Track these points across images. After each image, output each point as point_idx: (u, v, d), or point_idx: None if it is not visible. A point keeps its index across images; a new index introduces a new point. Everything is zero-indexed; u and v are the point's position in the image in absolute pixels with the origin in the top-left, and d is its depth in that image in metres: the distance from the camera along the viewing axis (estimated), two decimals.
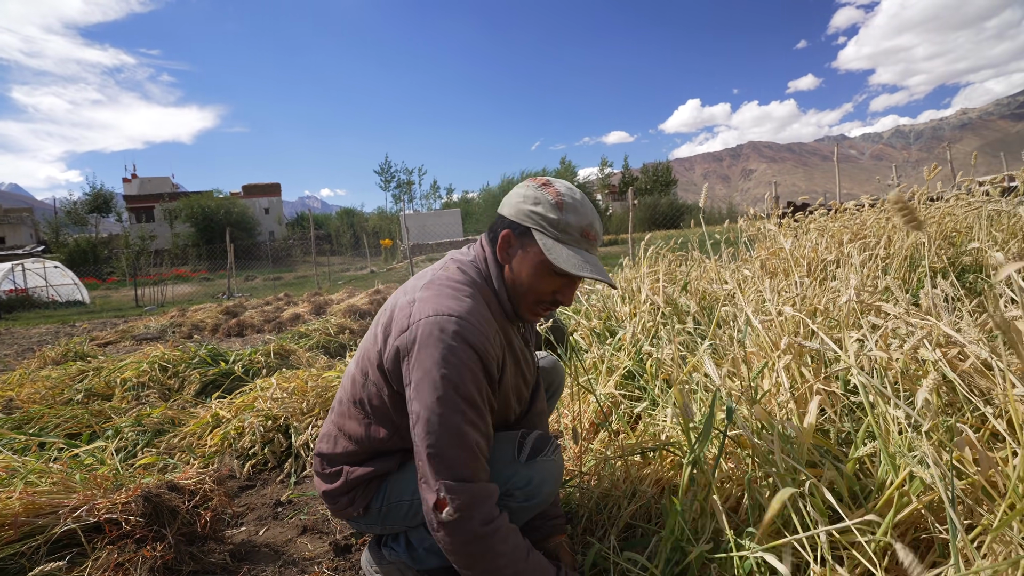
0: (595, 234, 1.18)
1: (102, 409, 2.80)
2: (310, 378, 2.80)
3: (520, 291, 1.20)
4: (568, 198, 1.15)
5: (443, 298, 1.11)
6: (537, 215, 1.14)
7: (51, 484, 1.59)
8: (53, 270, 15.76)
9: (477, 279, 1.20)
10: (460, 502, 1.02)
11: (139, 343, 6.06)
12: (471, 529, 1.03)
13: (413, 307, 1.12)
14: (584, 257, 1.13)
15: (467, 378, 1.05)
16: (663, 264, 3.13)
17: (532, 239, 1.15)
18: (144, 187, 48.60)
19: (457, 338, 1.05)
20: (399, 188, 55.56)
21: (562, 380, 1.75)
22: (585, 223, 1.15)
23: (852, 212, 3.32)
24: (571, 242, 1.14)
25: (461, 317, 1.08)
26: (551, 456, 1.27)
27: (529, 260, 1.16)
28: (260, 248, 32.00)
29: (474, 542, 1.04)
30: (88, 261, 28.27)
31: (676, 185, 54.83)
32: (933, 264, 2.38)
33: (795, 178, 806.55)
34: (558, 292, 1.19)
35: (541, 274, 1.16)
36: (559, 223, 1.13)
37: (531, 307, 1.21)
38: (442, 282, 1.16)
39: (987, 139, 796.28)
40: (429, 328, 1.07)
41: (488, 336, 1.11)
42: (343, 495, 1.30)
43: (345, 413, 1.29)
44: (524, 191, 1.18)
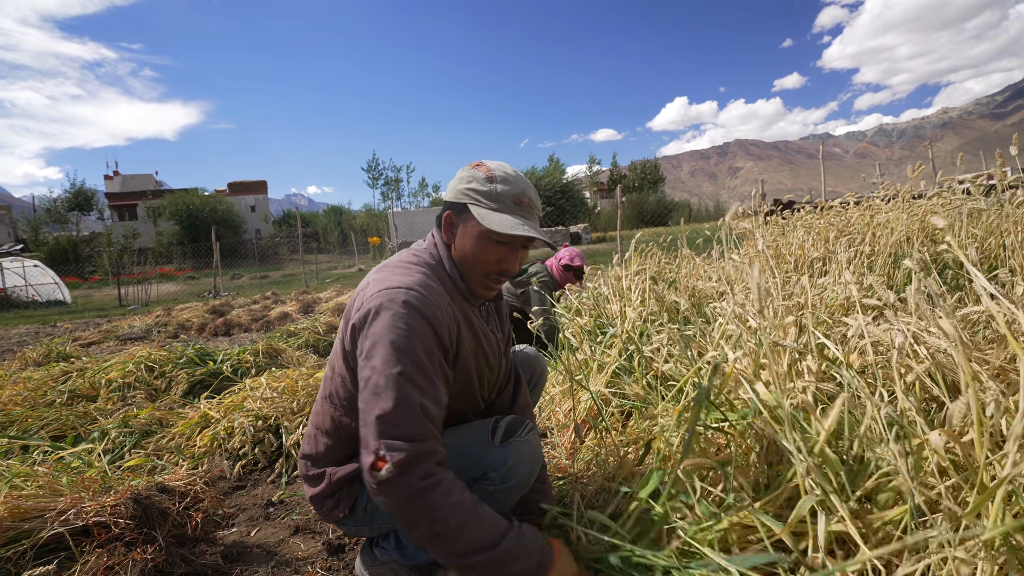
0: (529, 201, 1.24)
1: (87, 411, 2.76)
2: (300, 377, 2.78)
3: (467, 265, 1.26)
4: (499, 172, 1.23)
5: (393, 275, 1.18)
6: (471, 190, 1.22)
7: (37, 487, 1.57)
8: (33, 269, 15.45)
9: (430, 260, 1.27)
10: (399, 458, 1.00)
11: (124, 343, 5.97)
12: (409, 484, 1.01)
13: (367, 289, 1.18)
14: (519, 219, 1.20)
15: (414, 343, 1.08)
16: (652, 261, 3.15)
17: (470, 214, 1.22)
18: (127, 184, 47.78)
19: (405, 306, 1.10)
20: (387, 185, 55.24)
21: (544, 370, 1.78)
22: (517, 191, 1.22)
23: (838, 210, 3.36)
24: (504, 209, 1.20)
25: (410, 288, 1.13)
26: (525, 436, 1.29)
27: (470, 233, 1.23)
28: (246, 246, 31.65)
29: (414, 496, 1.01)
30: (69, 260, 27.76)
31: (664, 182, 55.15)
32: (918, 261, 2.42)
33: (781, 176, 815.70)
34: (502, 260, 1.24)
35: (482, 244, 1.22)
36: (490, 193, 1.20)
37: (481, 280, 1.26)
38: (394, 264, 1.25)
39: (967, 138, 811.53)
40: (379, 300, 1.11)
41: (438, 306, 1.15)
42: (328, 498, 1.32)
43: (319, 411, 1.33)
44: (460, 174, 1.27)
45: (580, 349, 2.60)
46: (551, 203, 34.55)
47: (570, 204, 36.02)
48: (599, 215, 40.33)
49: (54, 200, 42.04)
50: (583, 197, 41.47)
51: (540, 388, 1.80)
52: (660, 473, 1.24)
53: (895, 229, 2.57)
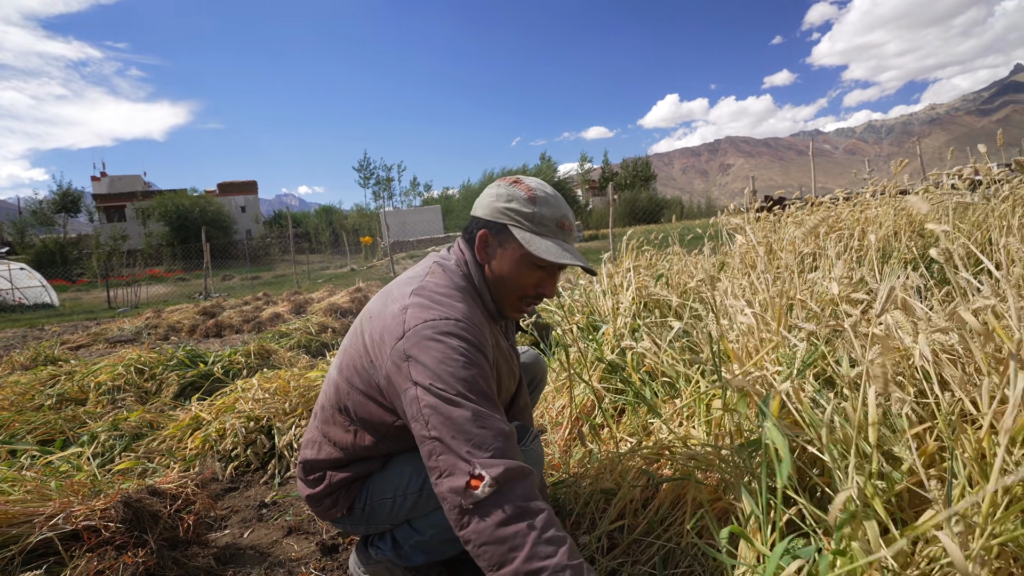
0: (570, 224, 1.21)
1: (76, 414, 2.73)
2: (292, 378, 2.76)
3: (503, 288, 1.22)
4: (540, 192, 1.19)
5: (436, 303, 1.11)
6: (512, 211, 1.17)
7: (25, 492, 1.55)
8: (19, 272, 15.23)
9: (463, 283, 1.21)
10: (498, 473, 0.92)
11: (113, 346, 5.90)
12: (512, 503, 0.90)
13: (407, 314, 1.09)
14: (562, 246, 1.17)
15: (476, 373, 1.03)
16: (644, 259, 3.16)
17: (509, 235, 1.18)
18: (114, 185, 47.20)
19: (457, 339, 1.05)
20: (378, 185, 55.00)
21: (544, 373, 1.78)
22: (559, 215, 1.19)
23: (828, 206, 3.39)
24: (548, 233, 1.17)
25: (459, 320, 1.08)
26: (530, 445, 1.29)
27: (509, 256, 1.19)
28: (237, 247, 31.42)
29: (514, 520, 0.90)
30: (56, 262, 27.43)
31: (655, 180, 55.32)
32: (904, 255, 2.45)
33: (772, 172, 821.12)
34: (540, 285, 1.22)
35: (522, 268, 1.19)
36: (534, 216, 1.16)
37: (515, 303, 1.24)
38: (432, 288, 1.16)
39: (954, 134, 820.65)
40: (429, 333, 1.05)
41: (483, 335, 1.12)
42: (326, 497, 1.30)
43: (329, 420, 1.28)
44: (496, 190, 1.21)
45: (573, 346, 2.61)
46: None
47: None
48: (591, 213, 40.39)
49: (40, 202, 41.45)
50: (575, 195, 41.53)
51: (540, 390, 1.80)
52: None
53: (883, 224, 2.59)
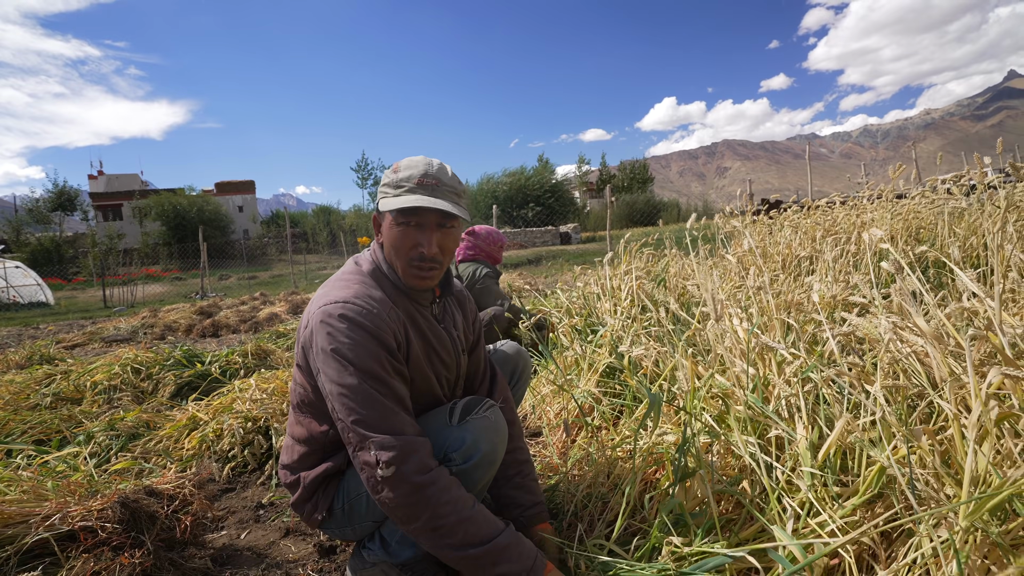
0: (432, 180, 1.24)
1: (72, 414, 2.72)
2: (289, 378, 2.76)
3: (392, 259, 1.29)
4: (404, 161, 1.27)
5: (331, 290, 1.23)
6: (381, 188, 1.27)
7: (21, 492, 1.54)
8: (14, 270, 15.16)
9: (367, 267, 1.31)
10: (391, 455, 1.07)
11: (109, 345, 5.88)
12: (408, 479, 1.07)
13: (312, 304, 1.23)
14: (417, 196, 1.21)
15: (361, 353, 1.13)
16: (641, 261, 3.17)
17: (381, 208, 1.26)
18: (112, 184, 47.00)
19: (343, 319, 1.15)
20: (376, 185, 54.81)
21: (526, 365, 1.79)
22: (419, 172, 1.24)
23: (824, 209, 3.41)
24: (407, 192, 1.23)
25: (346, 301, 1.17)
26: (483, 413, 1.29)
27: (385, 226, 1.27)
28: (234, 247, 31.35)
29: (413, 492, 1.08)
30: (52, 261, 27.30)
31: (653, 182, 55.38)
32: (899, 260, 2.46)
33: (768, 176, 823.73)
34: (419, 245, 1.25)
35: (395, 233, 1.24)
36: (394, 181, 1.24)
37: (406, 269, 1.28)
38: (335, 278, 1.29)
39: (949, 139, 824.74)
40: (319, 317, 1.17)
41: (376, 313, 1.18)
42: (306, 502, 1.34)
43: (292, 420, 1.38)
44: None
45: (571, 348, 2.61)
46: (540, 203, 34.54)
47: (559, 204, 36.03)
48: (588, 215, 40.42)
49: (36, 200, 41.29)
50: (572, 197, 41.54)
51: (524, 383, 1.80)
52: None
53: (880, 228, 2.61)
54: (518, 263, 13.54)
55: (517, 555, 1.12)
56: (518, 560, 1.11)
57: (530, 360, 1.83)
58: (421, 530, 1.10)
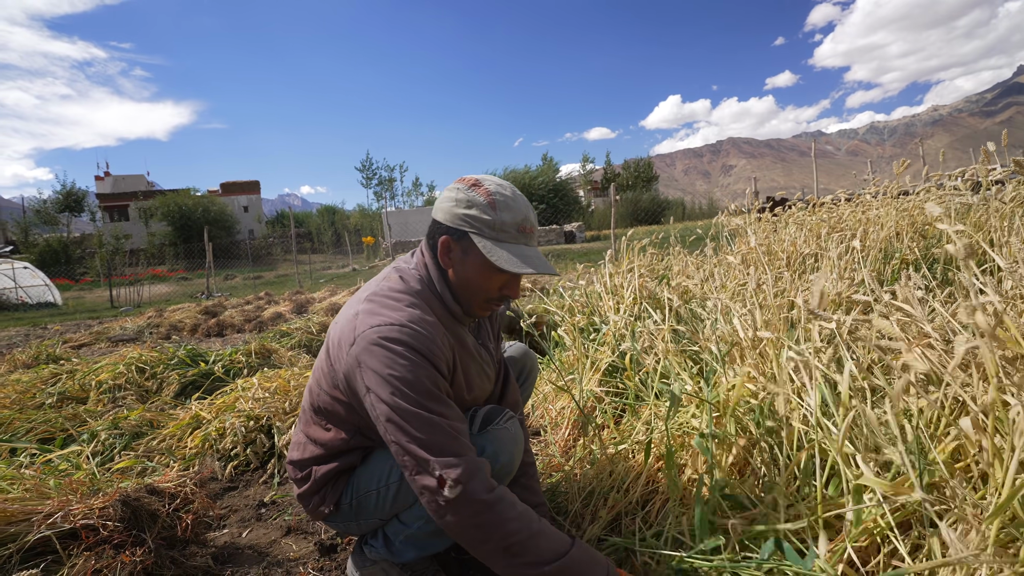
0: (531, 227, 1.20)
1: (76, 413, 2.73)
2: (292, 377, 2.76)
3: (468, 292, 1.23)
4: (499, 196, 1.17)
5: (384, 308, 1.15)
6: (471, 218, 1.16)
7: (24, 490, 1.55)
8: (22, 271, 15.28)
9: (417, 286, 1.23)
10: (458, 473, 1.03)
11: (115, 345, 5.91)
12: (477, 499, 1.03)
13: (357, 320, 1.15)
14: (523, 253, 1.16)
15: (420, 375, 1.08)
16: (645, 259, 3.15)
17: (471, 242, 1.17)
18: (118, 185, 47.33)
19: (400, 344, 1.09)
20: (380, 185, 54.97)
21: (533, 365, 1.78)
22: (520, 218, 1.17)
23: (829, 206, 3.37)
24: (509, 239, 1.16)
25: (403, 325, 1.11)
26: (503, 424, 1.29)
27: (471, 262, 1.19)
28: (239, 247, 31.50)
29: (483, 511, 1.04)
30: (60, 261, 27.51)
31: (657, 181, 55.25)
32: (906, 256, 2.43)
33: (774, 173, 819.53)
34: (504, 287, 1.23)
35: (485, 274, 1.19)
36: (494, 223, 1.15)
37: (481, 304, 1.25)
38: (383, 293, 1.20)
39: (957, 135, 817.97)
40: (372, 338, 1.10)
41: (432, 339, 1.13)
42: (314, 494, 1.32)
43: (309, 421, 1.34)
44: (455, 195, 1.19)
45: (573, 347, 2.60)
46: (545, 202, 34.51)
47: (564, 203, 35.98)
48: (593, 214, 40.36)
49: (44, 201, 41.63)
50: (577, 196, 41.50)
51: (530, 384, 1.80)
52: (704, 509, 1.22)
53: (885, 225, 2.58)
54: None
55: (591, 565, 1.09)
56: (593, 570, 1.08)
57: (537, 363, 1.83)
58: (494, 551, 1.05)
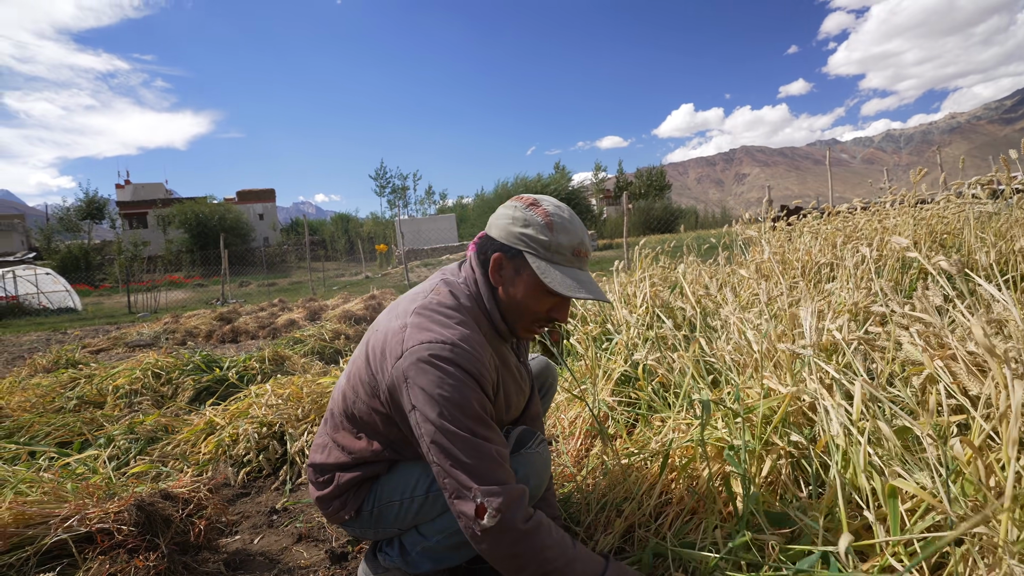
0: (586, 251, 1.19)
1: (94, 417, 2.77)
2: (305, 384, 2.78)
3: (516, 312, 1.21)
4: (557, 218, 1.16)
5: (435, 324, 1.13)
6: (528, 237, 1.15)
7: (41, 494, 1.57)
8: (44, 277, 15.64)
9: (467, 303, 1.21)
10: (499, 503, 1.02)
11: (132, 350, 6.01)
12: (515, 527, 1.03)
13: (405, 333, 1.12)
14: (577, 277, 1.15)
15: (470, 397, 1.07)
16: (658, 268, 3.13)
17: (524, 261, 1.16)
18: (137, 193, 48.32)
19: (452, 364, 1.07)
20: (394, 193, 55.48)
21: (555, 379, 1.78)
22: (576, 242, 1.16)
23: (845, 215, 3.34)
24: (563, 262, 1.15)
25: (455, 344, 1.09)
26: (535, 448, 1.29)
27: (523, 282, 1.17)
28: (254, 254, 31.89)
29: (522, 540, 1.04)
30: (80, 268, 28.07)
31: (670, 189, 55.00)
32: (924, 266, 2.40)
33: (788, 182, 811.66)
34: (553, 310, 1.21)
35: (536, 295, 1.18)
36: (551, 244, 1.14)
37: (527, 326, 1.24)
38: (433, 307, 1.17)
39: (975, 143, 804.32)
40: (422, 354, 1.08)
41: (482, 360, 1.12)
42: (335, 499, 1.31)
43: (338, 426, 1.32)
44: (512, 212, 1.18)
45: (586, 356, 2.59)
46: None
47: (576, 211, 35.89)
48: (605, 222, 40.26)
49: (67, 209, 42.60)
50: (589, 204, 41.43)
51: (550, 397, 1.79)
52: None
53: (902, 234, 2.54)
54: None
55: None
56: None
57: (558, 376, 1.83)
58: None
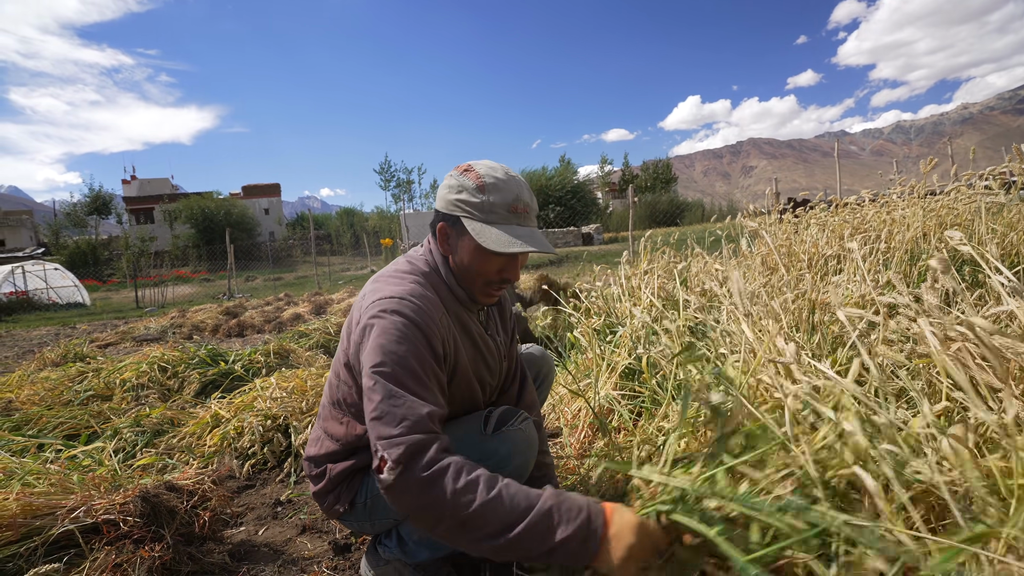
0: (523, 206, 1.20)
1: (101, 410, 2.80)
2: (309, 377, 2.79)
3: (467, 276, 1.25)
4: (489, 178, 1.18)
5: (387, 285, 1.19)
6: (462, 202, 1.18)
7: (49, 485, 1.59)
8: (53, 272, 15.79)
9: (424, 268, 1.26)
10: (397, 454, 0.96)
11: (139, 344, 6.06)
12: (416, 477, 0.94)
13: (364, 300, 1.19)
14: (514, 232, 1.16)
15: (406, 348, 1.07)
16: (662, 261, 3.11)
17: (463, 227, 1.19)
18: (143, 188, 48.62)
19: (396, 314, 1.11)
20: (399, 187, 55.52)
21: (550, 369, 1.78)
22: (510, 198, 1.18)
23: (853, 207, 3.30)
24: (499, 221, 1.17)
25: (401, 297, 1.14)
26: (517, 426, 1.28)
27: (466, 247, 1.21)
28: (260, 249, 32.03)
29: (424, 488, 0.94)
30: (88, 263, 28.30)
31: (676, 182, 54.75)
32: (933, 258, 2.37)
33: (795, 174, 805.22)
34: (502, 270, 1.23)
35: (480, 258, 1.20)
36: (483, 205, 1.17)
37: (482, 289, 1.26)
38: (389, 273, 1.25)
39: (988, 134, 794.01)
40: (373, 310, 1.13)
41: (429, 314, 1.14)
42: (329, 493, 1.32)
43: (327, 416, 1.34)
44: (449, 181, 1.22)
45: (589, 349, 2.58)
46: (562, 204, 34.38)
47: (582, 205, 35.79)
48: (611, 216, 40.13)
49: (74, 205, 42.95)
50: (595, 198, 41.27)
51: (547, 386, 1.79)
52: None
53: (911, 225, 2.51)
54: (540, 264, 13.51)
55: (567, 511, 0.91)
56: (572, 515, 0.91)
57: (554, 366, 1.82)
58: (451, 530, 0.94)
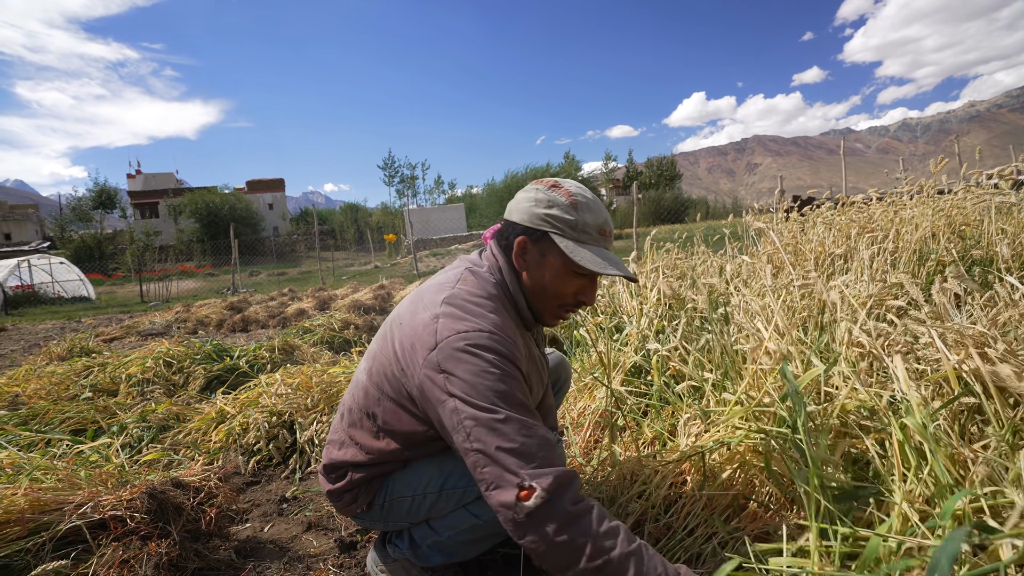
0: (610, 230, 1.18)
1: (107, 405, 2.81)
2: (314, 374, 2.79)
3: (543, 296, 1.20)
4: (581, 197, 1.15)
5: (468, 314, 1.10)
6: (553, 217, 1.13)
7: (56, 481, 1.59)
8: (59, 266, 15.87)
9: (495, 291, 1.19)
10: (548, 483, 0.94)
11: (144, 339, 6.08)
12: (563, 509, 0.94)
13: (438, 324, 1.08)
14: (604, 255, 1.14)
15: (512, 386, 1.03)
16: (668, 258, 3.10)
17: (550, 243, 1.14)
18: (148, 183, 48.74)
19: (491, 351, 1.04)
20: (403, 183, 55.49)
21: (568, 375, 1.77)
22: (601, 220, 1.16)
23: (860, 206, 3.28)
24: (590, 241, 1.14)
25: (491, 332, 1.07)
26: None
27: (550, 264, 1.16)
28: (264, 244, 32.12)
29: (571, 524, 0.93)
30: (94, 257, 28.44)
31: (680, 179, 54.57)
32: (942, 258, 2.35)
33: (800, 172, 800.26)
34: (580, 293, 1.19)
35: (563, 277, 1.16)
36: (577, 224, 1.13)
37: (554, 311, 1.22)
38: (464, 297, 1.14)
39: (995, 132, 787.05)
40: (462, 345, 1.04)
41: (518, 346, 1.10)
42: (346, 492, 1.30)
43: (356, 423, 1.28)
44: (535, 195, 1.16)
45: (595, 346, 2.57)
46: None
47: None
48: (615, 212, 40.03)
49: (79, 199, 43.11)
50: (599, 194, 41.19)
51: (564, 392, 1.78)
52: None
53: (920, 225, 2.49)
54: None
55: None
56: None
57: (571, 371, 1.81)
58: (585, 571, 0.92)
